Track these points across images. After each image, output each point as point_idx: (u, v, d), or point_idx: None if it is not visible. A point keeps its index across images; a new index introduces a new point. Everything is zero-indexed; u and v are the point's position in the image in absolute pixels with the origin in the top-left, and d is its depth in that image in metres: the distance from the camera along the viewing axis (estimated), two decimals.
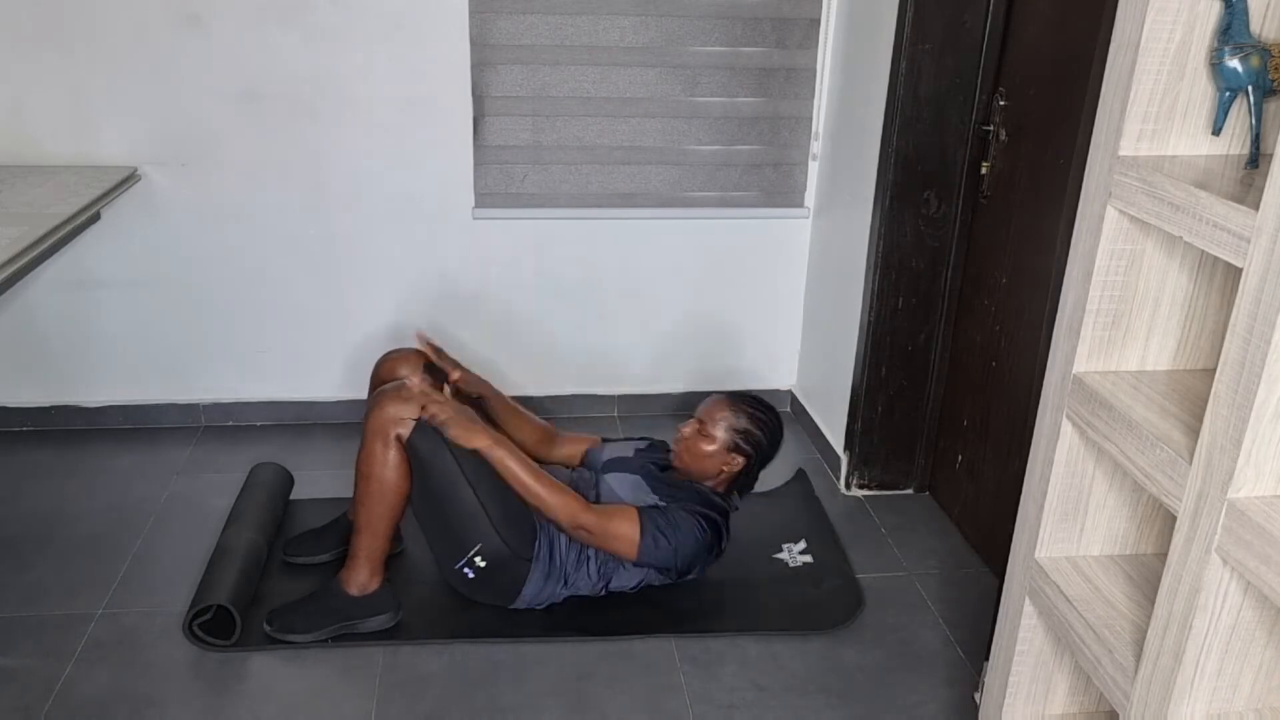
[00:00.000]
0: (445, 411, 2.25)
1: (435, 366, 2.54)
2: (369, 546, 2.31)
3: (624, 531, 2.30)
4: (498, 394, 2.61)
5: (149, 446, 3.17)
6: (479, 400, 2.55)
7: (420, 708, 2.15)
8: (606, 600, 2.44)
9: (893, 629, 2.43)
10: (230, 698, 2.16)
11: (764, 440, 2.45)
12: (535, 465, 2.30)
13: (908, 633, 2.42)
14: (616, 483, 2.43)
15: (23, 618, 2.37)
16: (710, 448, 2.42)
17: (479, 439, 2.25)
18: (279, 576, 2.51)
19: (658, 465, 2.50)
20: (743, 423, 2.43)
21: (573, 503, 2.27)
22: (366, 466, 2.25)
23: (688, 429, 2.46)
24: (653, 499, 2.39)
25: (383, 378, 2.52)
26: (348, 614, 2.31)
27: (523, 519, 2.34)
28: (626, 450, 2.56)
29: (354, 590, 2.32)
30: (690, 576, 2.46)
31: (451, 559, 2.32)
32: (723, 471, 2.44)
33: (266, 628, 2.30)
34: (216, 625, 2.30)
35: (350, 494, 2.74)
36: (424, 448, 2.23)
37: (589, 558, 2.39)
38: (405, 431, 2.22)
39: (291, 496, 2.84)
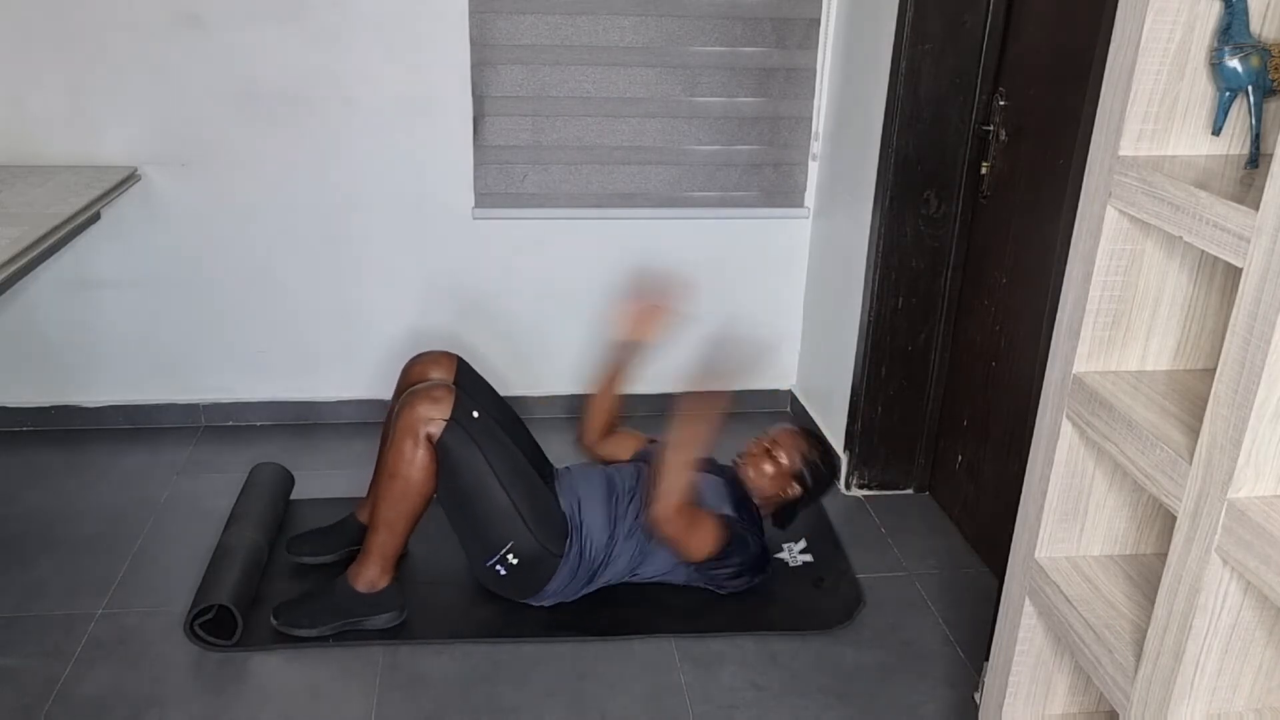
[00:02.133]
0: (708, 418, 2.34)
1: (466, 372, 2.54)
2: (384, 544, 2.31)
3: (701, 543, 2.33)
4: (623, 372, 2.61)
5: (149, 446, 3.17)
6: (618, 366, 2.59)
7: (420, 707, 2.15)
8: (606, 600, 2.44)
9: (893, 629, 2.43)
10: (230, 698, 2.16)
11: (825, 478, 2.53)
12: (693, 468, 2.32)
13: (908, 633, 2.42)
14: (702, 482, 2.43)
15: (23, 618, 2.37)
16: (775, 470, 2.48)
17: (697, 449, 2.32)
18: (281, 576, 2.51)
19: (731, 475, 2.54)
20: (814, 456, 2.51)
21: (681, 502, 2.28)
22: (394, 465, 2.25)
23: (757, 447, 2.52)
24: (729, 507, 2.43)
25: (413, 380, 2.52)
26: (353, 610, 2.32)
27: (554, 516, 2.35)
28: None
29: (362, 587, 2.32)
30: (722, 592, 2.48)
31: (484, 557, 2.33)
32: (776, 496, 2.49)
33: (273, 621, 2.30)
34: (218, 625, 2.30)
35: (355, 495, 2.75)
36: (455, 447, 2.23)
37: (620, 554, 2.39)
38: (436, 431, 2.22)
39: (292, 497, 2.84)
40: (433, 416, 2.22)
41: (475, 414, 2.27)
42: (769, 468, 2.48)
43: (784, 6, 3.05)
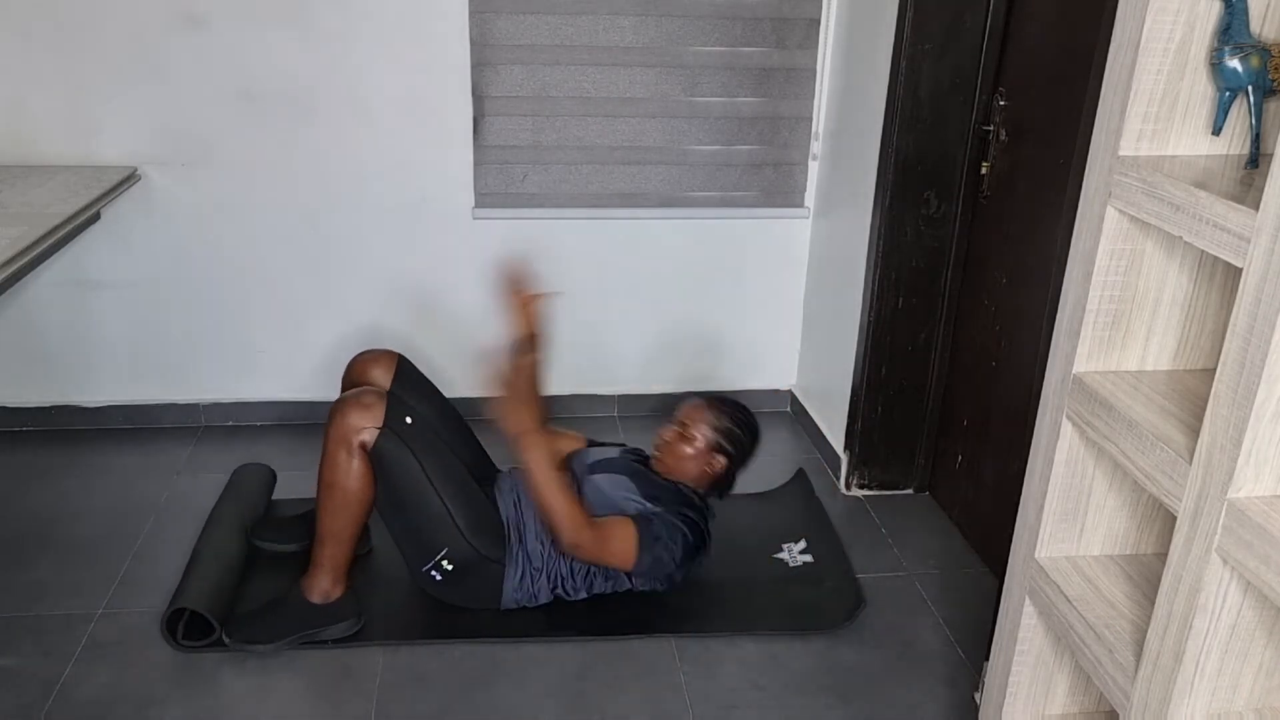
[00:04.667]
0: (508, 384, 2.26)
1: (408, 370, 2.53)
2: (332, 555, 2.29)
3: (620, 548, 2.30)
4: (530, 370, 2.46)
5: (149, 446, 3.17)
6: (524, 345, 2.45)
7: (420, 708, 2.15)
8: (606, 600, 2.44)
9: (893, 629, 2.43)
10: (230, 697, 2.16)
11: (745, 440, 2.48)
12: (557, 473, 2.28)
13: (908, 633, 2.42)
14: (604, 482, 2.40)
15: (23, 618, 2.37)
16: (693, 449, 2.44)
17: (516, 424, 2.25)
18: (256, 577, 2.50)
19: (642, 464, 2.50)
20: (725, 423, 2.46)
21: (579, 517, 2.25)
22: (329, 475, 2.23)
23: (669, 432, 2.48)
24: (637, 498, 2.38)
25: (354, 378, 2.51)
26: (309, 622, 2.29)
27: (491, 522, 2.34)
28: (611, 452, 2.56)
29: (316, 598, 2.30)
30: (675, 583, 2.44)
31: (419, 562, 2.31)
32: (705, 473, 2.46)
33: (226, 639, 2.26)
34: (195, 629, 2.29)
35: (298, 493, 2.73)
36: (388, 454, 2.21)
37: (569, 560, 2.37)
38: (369, 439, 2.20)
39: (290, 496, 2.82)
40: (364, 425, 2.20)
41: (409, 420, 2.25)
42: (686, 449, 2.44)
43: (784, 6, 3.05)
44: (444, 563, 2.29)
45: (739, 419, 2.49)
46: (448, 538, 2.27)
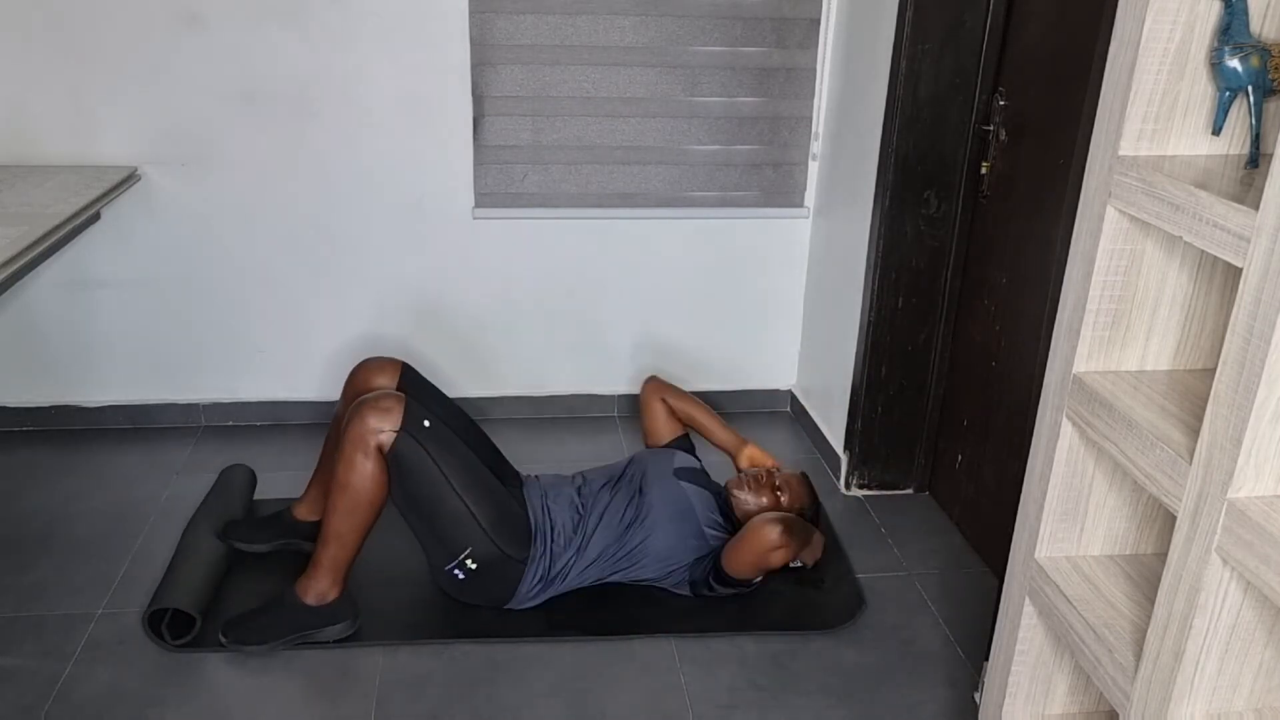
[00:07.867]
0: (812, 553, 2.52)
1: (413, 378, 2.54)
2: (335, 557, 2.28)
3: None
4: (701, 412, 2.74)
5: (149, 446, 3.17)
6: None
7: (420, 708, 2.15)
8: (606, 600, 2.44)
9: (893, 629, 2.43)
10: (230, 698, 2.16)
11: (798, 540, 2.58)
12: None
13: (908, 633, 2.42)
14: (693, 494, 2.47)
15: (23, 618, 2.37)
16: (771, 507, 2.50)
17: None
18: (244, 575, 2.50)
19: (722, 495, 2.56)
20: (809, 515, 2.56)
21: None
22: (344, 476, 2.22)
23: (765, 478, 2.54)
24: (714, 520, 2.47)
25: (358, 386, 2.51)
26: (305, 624, 2.29)
27: (516, 521, 2.34)
28: (696, 462, 2.62)
29: (311, 600, 2.29)
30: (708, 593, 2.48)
31: (443, 561, 2.32)
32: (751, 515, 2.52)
33: (222, 639, 2.27)
34: (179, 625, 2.31)
35: (297, 494, 2.74)
36: (407, 457, 2.22)
37: (589, 559, 2.39)
38: (386, 442, 2.20)
39: (289, 495, 2.82)
40: (382, 428, 2.20)
41: (426, 422, 2.25)
42: (765, 501, 2.50)
43: (784, 6, 3.05)
44: (468, 561, 2.30)
45: (815, 520, 2.59)
46: (472, 537, 2.28)
